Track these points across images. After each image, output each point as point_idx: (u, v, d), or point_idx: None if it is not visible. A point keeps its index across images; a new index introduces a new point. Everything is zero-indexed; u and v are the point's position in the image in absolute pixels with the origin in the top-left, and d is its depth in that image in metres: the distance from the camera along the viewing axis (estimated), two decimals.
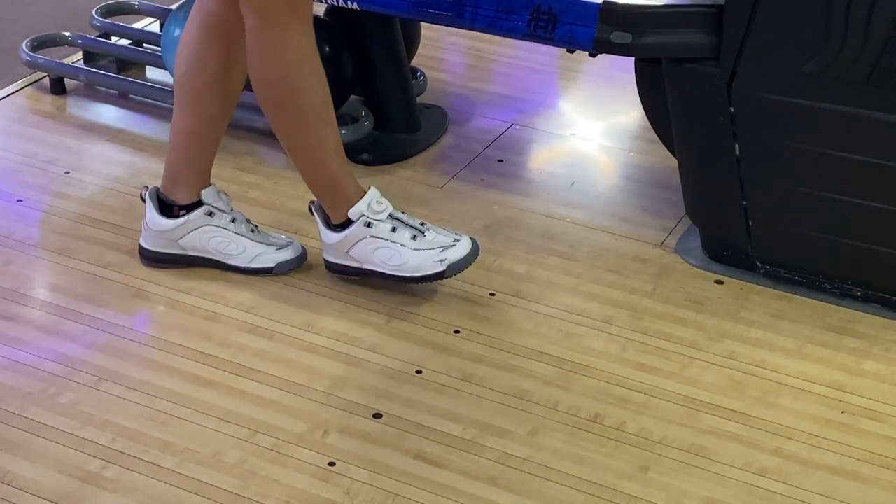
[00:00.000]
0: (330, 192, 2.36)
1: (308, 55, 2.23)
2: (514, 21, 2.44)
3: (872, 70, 2.18)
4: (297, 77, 2.23)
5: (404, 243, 2.33)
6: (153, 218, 2.43)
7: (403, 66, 2.94)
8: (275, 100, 2.27)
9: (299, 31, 2.20)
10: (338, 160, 2.34)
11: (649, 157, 2.92)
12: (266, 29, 2.19)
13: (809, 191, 2.35)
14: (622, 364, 2.27)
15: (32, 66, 3.18)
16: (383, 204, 2.36)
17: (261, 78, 2.25)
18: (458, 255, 2.33)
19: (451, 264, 2.32)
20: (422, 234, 2.34)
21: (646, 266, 2.54)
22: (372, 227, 2.34)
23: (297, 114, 2.28)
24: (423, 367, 2.25)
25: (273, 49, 2.21)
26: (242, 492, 1.98)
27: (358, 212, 2.34)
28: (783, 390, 2.22)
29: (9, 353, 2.26)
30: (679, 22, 2.33)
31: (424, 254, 2.32)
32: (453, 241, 2.34)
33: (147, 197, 2.44)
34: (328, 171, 2.34)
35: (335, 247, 2.38)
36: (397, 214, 2.36)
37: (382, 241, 2.34)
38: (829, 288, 2.45)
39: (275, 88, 2.25)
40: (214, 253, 2.44)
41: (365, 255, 2.36)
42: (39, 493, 1.97)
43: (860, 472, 2.05)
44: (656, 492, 2.00)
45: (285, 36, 2.19)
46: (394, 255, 2.34)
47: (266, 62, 2.23)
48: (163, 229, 2.43)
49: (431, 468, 2.03)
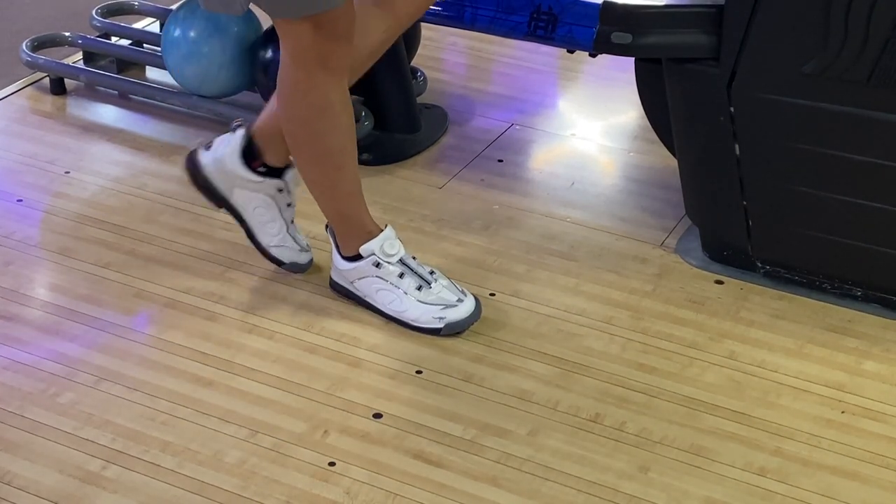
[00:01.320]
0: (341, 228, 2.36)
1: (332, 103, 2.21)
2: (514, 21, 2.44)
3: (872, 70, 2.18)
4: (317, 121, 2.23)
5: (408, 292, 2.31)
6: (231, 155, 2.36)
7: (403, 66, 2.94)
8: (293, 136, 2.27)
9: (325, 82, 2.18)
10: (351, 202, 2.33)
11: (649, 157, 2.92)
12: (293, 69, 2.19)
13: (809, 191, 2.35)
14: (622, 364, 2.27)
15: (32, 66, 3.18)
16: (396, 247, 2.33)
17: (284, 113, 2.25)
18: (458, 316, 2.30)
19: (449, 324, 2.29)
20: (428, 286, 2.31)
21: (646, 266, 2.54)
22: (380, 268, 2.31)
23: (313, 154, 2.28)
24: (423, 367, 2.25)
25: (295, 91, 2.20)
26: (242, 492, 1.98)
27: (369, 250, 2.32)
28: (783, 390, 2.22)
29: (9, 353, 2.26)
30: (679, 22, 2.33)
31: (426, 308, 2.30)
32: (457, 300, 2.31)
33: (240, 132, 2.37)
34: (340, 210, 2.34)
35: (343, 273, 2.37)
36: (408, 260, 2.33)
37: (387, 284, 2.32)
38: (829, 288, 2.45)
39: (294, 125, 2.25)
40: (251, 218, 2.41)
41: (369, 291, 2.34)
42: (39, 493, 1.97)
43: (860, 472, 2.05)
44: (656, 492, 2.00)
45: (308, 82, 2.18)
46: (396, 300, 2.31)
47: (290, 98, 2.22)
48: (230, 171, 2.36)
49: (431, 468, 2.03)
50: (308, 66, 2.16)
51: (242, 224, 2.43)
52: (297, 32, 2.13)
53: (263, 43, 2.87)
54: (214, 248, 2.56)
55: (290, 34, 2.15)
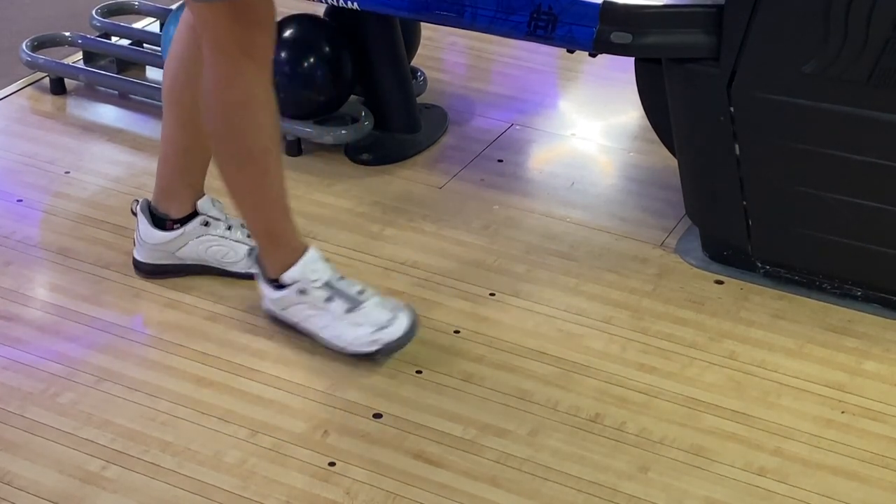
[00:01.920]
0: (265, 243, 2.25)
1: (255, 97, 2.11)
2: (514, 21, 2.44)
3: (872, 70, 2.18)
4: (238, 118, 2.12)
5: (338, 316, 2.21)
6: (147, 231, 2.40)
7: (403, 66, 2.94)
8: (214, 135, 2.18)
9: (250, 71, 2.09)
10: (275, 213, 2.22)
11: (649, 157, 2.92)
12: (215, 61, 2.10)
13: (809, 191, 2.35)
14: (622, 364, 2.27)
15: (32, 66, 3.18)
16: (318, 270, 2.22)
17: (204, 110, 2.16)
18: (393, 336, 2.20)
19: (383, 345, 2.20)
20: (358, 307, 2.20)
21: (646, 266, 2.54)
22: (306, 294, 2.21)
23: (234, 155, 2.17)
24: (423, 367, 2.25)
25: (218, 83, 2.11)
26: (242, 492, 1.98)
27: (291, 277, 2.21)
28: (783, 390, 2.22)
29: (9, 353, 2.26)
30: (679, 22, 2.33)
31: (357, 330, 2.20)
32: (388, 319, 2.20)
33: (139, 211, 2.41)
34: (263, 221, 2.23)
35: (273, 301, 2.27)
36: (334, 282, 2.22)
37: (315, 310, 2.22)
38: (829, 288, 2.45)
39: (215, 124, 2.16)
40: (213, 261, 2.43)
41: (300, 319, 2.25)
42: (39, 493, 1.97)
43: (860, 472, 2.05)
44: (656, 492, 2.00)
45: (233, 72, 2.08)
46: (328, 326, 2.22)
47: (210, 95, 2.13)
48: (159, 242, 2.41)
49: (431, 468, 2.03)
50: (231, 54, 2.07)
51: (213, 270, 2.44)
52: (215, 19, 2.04)
53: None
54: None
55: (209, 21, 2.06)
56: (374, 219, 2.67)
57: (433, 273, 2.50)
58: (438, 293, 2.44)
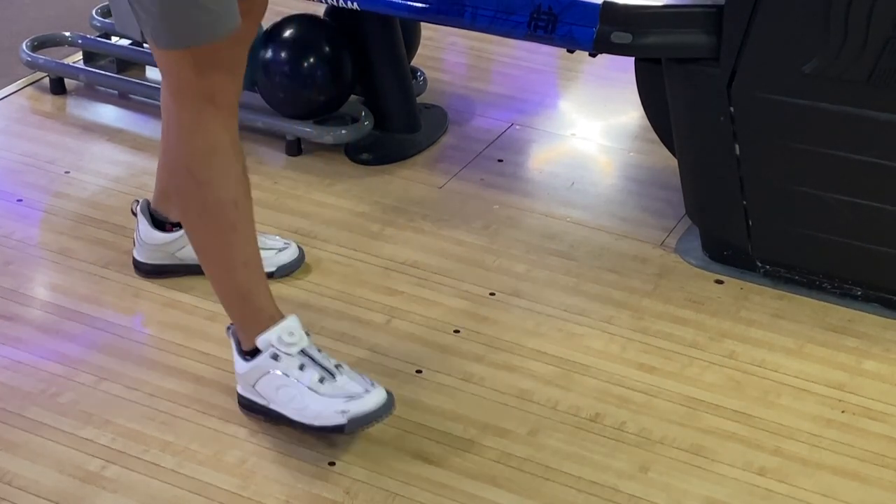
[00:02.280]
0: (238, 310, 2.08)
1: (220, 147, 1.97)
2: (514, 21, 2.44)
3: (872, 70, 2.18)
4: (203, 169, 1.98)
5: (309, 385, 2.02)
6: (148, 232, 2.40)
7: (403, 66, 2.94)
8: (179, 189, 2.05)
9: (214, 119, 1.96)
10: (248, 273, 2.05)
11: (649, 157, 2.92)
12: (178, 108, 1.99)
13: (809, 191, 2.35)
14: (622, 364, 2.27)
15: (32, 66, 3.18)
16: (296, 336, 2.04)
17: (169, 162, 2.04)
18: (364, 408, 1.99)
19: (353, 417, 1.99)
20: (332, 378, 2.02)
21: (646, 266, 2.54)
22: (279, 361, 2.03)
23: (202, 211, 2.01)
24: (423, 367, 2.25)
25: (181, 132, 2.00)
26: (242, 492, 1.98)
27: (266, 342, 2.04)
28: (783, 390, 2.22)
29: (9, 353, 2.26)
30: (679, 22, 2.33)
31: (327, 401, 2.01)
32: (364, 390, 2.02)
33: (139, 211, 2.40)
34: (235, 284, 2.06)
35: (243, 377, 2.09)
36: (311, 351, 2.05)
37: (287, 380, 2.03)
38: (829, 288, 2.45)
39: (179, 177, 2.02)
40: None
41: (270, 392, 2.06)
42: (39, 493, 1.97)
43: (860, 472, 2.05)
44: (656, 492, 2.00)
45: (196, 120, 1.96)
46: (296, 396, 2.03)
47: (174, 146, 2.02)
48: (158, 243, 2.40)
49: (431, 468, 2.03)
50: (193, 102, 1.95)
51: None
52: (177, 65, 1.93)
53: (263, 43, 2.87)
54: None
55: (171, 68, 1.96)
56: (374, 219, 2.67)
57: (433, 273, 2.50)
58: (438, 293, 2.44)
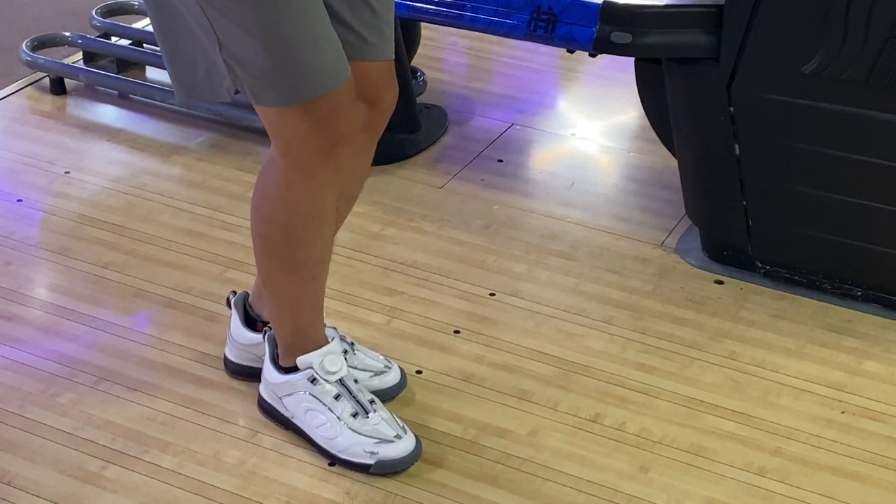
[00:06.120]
0: (288, 336, 2.06)
1: (324, 210, 1.93)
2: (514, 21, 2.44)
3: (872, 70, 2.18)
4: (302, 229, 1.94)
5: (342, 417, 2.01)
6: (237, 329, 2.18)
7: (403, 66, 2.94)
8: (268, 240, 1.97)
9: (325, 181, 1.89)
10: (312, 314, 2.04)
11: (649, 157, 2.92)
12: (289, 171, 1.89)
13: (809, 191, 2.35)
14: (622, 364, 2.27)
15: (32, 66, 3.18)
16: (338, 364, 2.03)
17: (262, 214, 1.95)
18: (393, 454, 2.00)
19: (381, 461, 1.99)
20: (365, 415, 2.01)
21: (646, 266, 2.54)
22: (315, 385, 2.02)
23: (287, 263, 1.98)
24: (423, 367, 2.25)
25: (289, 192, 1.90)
26: (242, 492, 1.98)
27: (307, 362, 2.03)
28: (783, 390, 2.22)
29: (9, 353, 2.26)
30: (679, 22, 2.33)
31: (358, 438, 2.00)
32: (395, 436, 2.01)
33: (233, 305, 2.20)
34: (297, 322, 2.05)
35: (273, 386, 2.08)
36: (349, 382, 2.03)
37: (319, 405, 2.02)
38: (829, 288, 2.45)
39: (272, 229, 1.95)
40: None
41: (297, 411, 2.05)
42: (39, 493, 1.97)
43: (860, 472, 2.05)
44: (656, 492, 2.00)
45: (307, 185, 1.89)
46: (326, 424, 2.02)
47: (275, 201, 1.93)
48: (246, 343, 2.18)
49: (431, 468, 2.03)
50: (308, 163, 1.87)
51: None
52: (293, 123, 1.82)
53: None
54: (214, 248, 2.56)
55: (284, 127, 1.84)
56: (374, 219, 2.67)
57: (433, 273, 2.50)
58: (438, 293, 2.44)
